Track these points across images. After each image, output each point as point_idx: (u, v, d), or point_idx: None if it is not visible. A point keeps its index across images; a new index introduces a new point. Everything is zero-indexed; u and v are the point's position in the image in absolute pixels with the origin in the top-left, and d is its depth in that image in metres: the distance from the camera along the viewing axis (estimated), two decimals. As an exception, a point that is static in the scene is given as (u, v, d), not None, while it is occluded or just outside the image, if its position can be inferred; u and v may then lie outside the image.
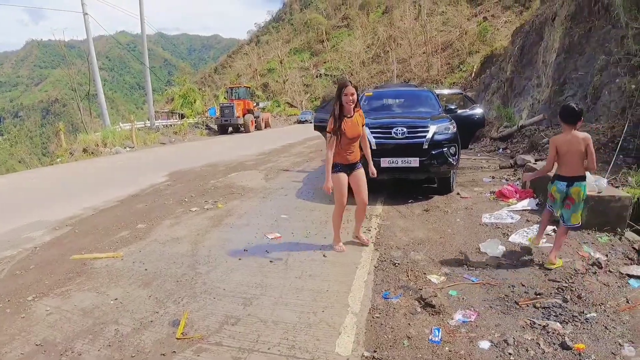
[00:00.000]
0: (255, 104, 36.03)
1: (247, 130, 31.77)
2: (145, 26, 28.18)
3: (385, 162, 7.08)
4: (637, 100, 9.26)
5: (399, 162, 7.05)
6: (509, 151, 12.88)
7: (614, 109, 9.97)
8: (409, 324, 3.59)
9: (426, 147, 7.01)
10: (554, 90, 13.02)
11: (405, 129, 7.10)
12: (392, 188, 8.39)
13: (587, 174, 4.75)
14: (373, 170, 5.19)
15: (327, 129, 4.79)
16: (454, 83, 44.36)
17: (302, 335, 3.43)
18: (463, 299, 4.00)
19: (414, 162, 7.01)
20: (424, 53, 59.91)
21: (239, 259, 5.07)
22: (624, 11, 10.30)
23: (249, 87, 38.35)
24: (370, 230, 6.00)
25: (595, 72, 11.50)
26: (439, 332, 3.43)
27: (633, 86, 9.45)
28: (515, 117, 15.20)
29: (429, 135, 7.06)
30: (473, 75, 37.55)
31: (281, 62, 79.10)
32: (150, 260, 5.11)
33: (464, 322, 3.60)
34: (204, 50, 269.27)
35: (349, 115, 4.81)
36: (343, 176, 4.93)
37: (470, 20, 58.18)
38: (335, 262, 4.92)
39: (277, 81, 78.41)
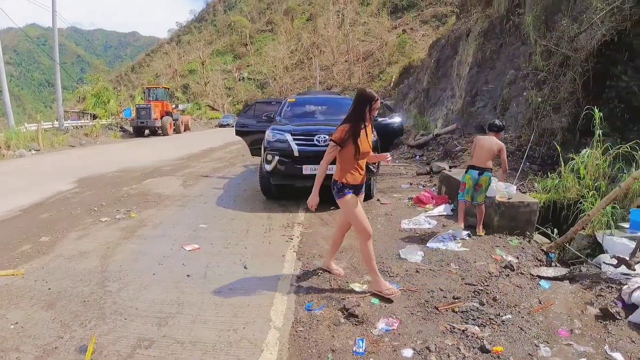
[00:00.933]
0: (174, 106, 34.65)
1: (165, 134, 30.44)
2: (57, 19, 26.13)
3: (307, 169, 7.02)
4: (542, 112, 10.02)
5: (322, 169, 6.99)
6: (425, 158, 13.41)
7: (521, 120, 10.70)
8: (332, 336, 3.50)
9: (348, 154, 7.03)
10: (467, 101, 13.78)
11: (327, 136, 7.09)
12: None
13: (500, 183, 5.91)
14: None
15: (334, 137, 4.07)
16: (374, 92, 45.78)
17: (222, 355, 3.21)
18: (385, 306, 4.00)
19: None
20: (346, 61, 61.34)
21: (153, 275, 4.72)
22: (533, 30, 11.12)
23: (168, 88, 36.81)
24: (292, 239, 5.87)
25: (504, 86, 12.30)
26: (362, 343, 3.37)
27: (539, 99, 10.20)
28: (431, 126, 15.92)
29: (350, 142, 7.09)
30: (392, 84, 38.96)
31: (203, 64, 77.04)
32: (55, 278, 4.61)
33: (386, 330, 3.58)
34: (120, 47, 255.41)
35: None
36: (355, 198, 4.15)
37: (391, 32, 60.47)
38: (257, 274, 4.74)
39: (198, 83, 76.28)
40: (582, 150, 6.81)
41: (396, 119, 9.89)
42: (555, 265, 5.09)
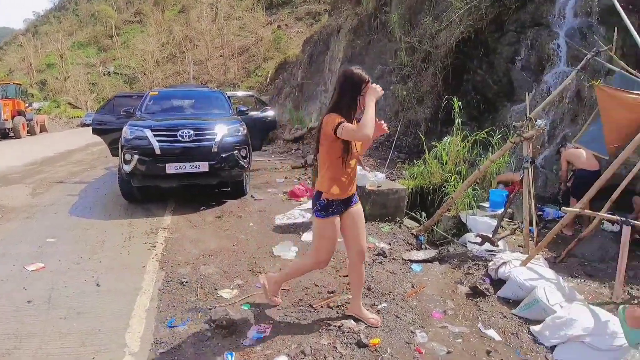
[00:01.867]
0: (27, 105, 30.48)
1: (17, 136, 26.54)
2: None
3: (171, 168, 6.38)
4: (408, 104, 10.50)
5: (187, 167, 6.41)
6: (300, 152, 13.37)
7: (389, 113, 11.12)
8: (198, 354, 3.06)
9: (215, 150, 6.53)
10: (340, 95, 14.06)
11: (192, 132, 6.51)
12: (182, 195, 7.66)
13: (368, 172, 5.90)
14: None
15: (330, 129, 2.97)
16: (250, 87, 45.20)
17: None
18: (258, 311, 3.65)
19: (203, 166, 6.46)
20: (221, 56, 59.65)
21: (-15, 304, 3.81)
22: (398, 27, 11.62)
23: (20, 85, 32.25)
24: (155, 247, 5.24)
25: (373, 80, 12.66)
26: (232, 357, 2.99)
27: (404, 92, 10.68)
28: (306, 120, 15.99)
29: (218, 138, 6.60)
30: (268, 80, 38.75)
31: (62, 57, 69.34)
32: None
33: (258, 338, 3.24)
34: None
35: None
36: (338, 221, 3.25)
37: (266, 28, 60.20)
38: (112, 291, 4.08)
39: (57, 78, 68.45)
40: (444, 138, 7.17)
41: (269, 113, 9.64)
42: (425, 248, 5.20)
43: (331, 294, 3.95)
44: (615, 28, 5.51)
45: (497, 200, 5.83)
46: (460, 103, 7.59)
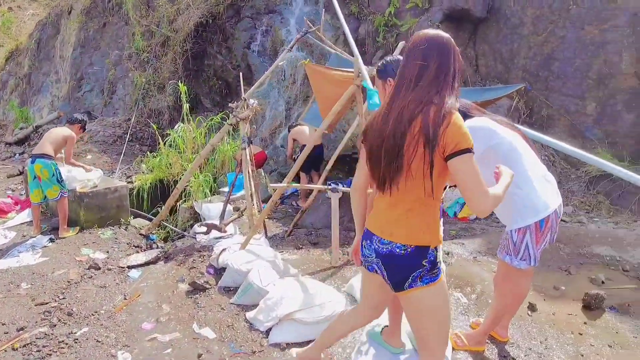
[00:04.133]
0: None
1: None
2: None
3: None
4: (148, 92, 9.64)
5: None
6: (26, 155, 11.13)
7: (128, 102, 10.08)
8: None
9: None
10: (72, 85, 12.20)
11: None
12: None
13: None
14: None
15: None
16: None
17: None
18: None
19: None
20: None
21: None
22: (133, 9, 10.55)
23: None
24: None
25: (110, 67, 11.38)
26: None
27: (143, 80, 9.76)
28: (35, 117, 13.51)
29: None
30: (-3, 73, 32.07)
31: None
32: None
33: None
34: None
35: None
36: None
37: (-12, 11, 49.75)
38: None
39: None
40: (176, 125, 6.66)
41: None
42: (157, 247, 4.62)
43: (21, 331, 3.08)
44: (323, 11, 5.88)
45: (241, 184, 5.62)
46: (202, 89, 7.18)
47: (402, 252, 1.74)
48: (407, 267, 1.75)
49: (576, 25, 6.44)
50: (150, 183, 6.39)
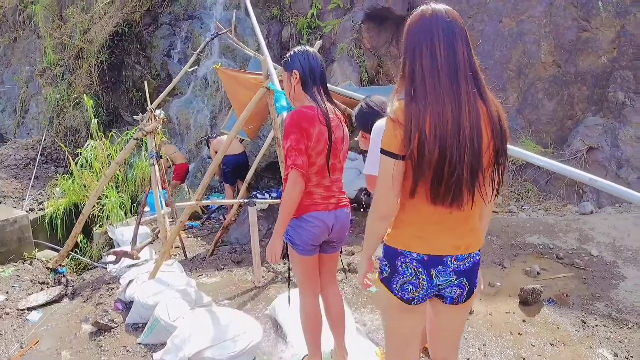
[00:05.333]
0: None
1: None
2: None
3: None
4: (63, 109, 8.97)
5: None
6: None
7: (42, 121, 9.32)
8: None
9: None
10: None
11: None
12: None
13: None
14: None
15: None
16: None
17: None
18: None
19: None
20: None
21: None
22: (44, 21, 9.81)
23: None
24: None
25: (22, 84, 10.54)
26: None
27: (57, 95, 9.07)
28: None
29: None
30: None
31: None
32: None
33: None
34: None
35: None
36: None
37: None
38: None
39: None
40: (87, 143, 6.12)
41: None
42: (66, 281, 4.14)
43: None
44: (234, 12, 5.60)
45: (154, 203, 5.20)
46: (121, 102, 6.68)
47: (479, 257, 1.65)
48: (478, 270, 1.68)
49: (494, 18, 6.52)
50: (65, 208, 5.83)
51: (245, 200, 3.47)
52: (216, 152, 5.56)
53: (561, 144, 6.07)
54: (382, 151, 1.47)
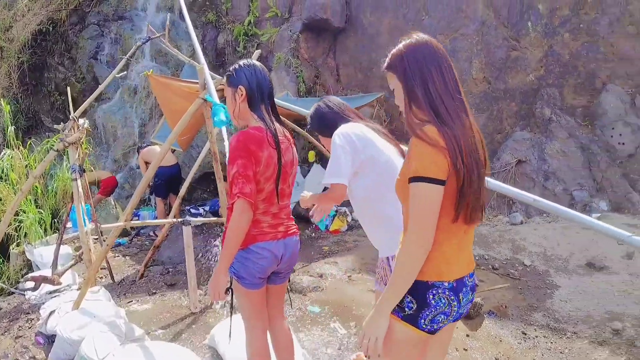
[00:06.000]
0: None
1: None
2: None
3: None
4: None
5: None
6: None
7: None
8: None
9: None
10: None
11: None
12: None
13: None
14: None
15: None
16: None
17: None
18: None
19: None
20: None
21: None
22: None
23: None
24: None
25: None
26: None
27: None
28: None
29: None
30: None
31: None
32: None
33: None
34: None
35: None
36: None
37: None
38: None
39: None
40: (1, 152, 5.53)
41: None
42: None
43: None
44: (168, 15, 5.32)
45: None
46: (42, 106, 6.11)
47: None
48: None
49: (429, 35, 6.68)
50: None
51: (180, 220, 3.22)
52: (146, 163, 5.24)
53: (491, 157, 6.31)
54: (423, 179, 1.37)
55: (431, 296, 1.46)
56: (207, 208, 5.66)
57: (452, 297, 1.48)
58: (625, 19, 5.60)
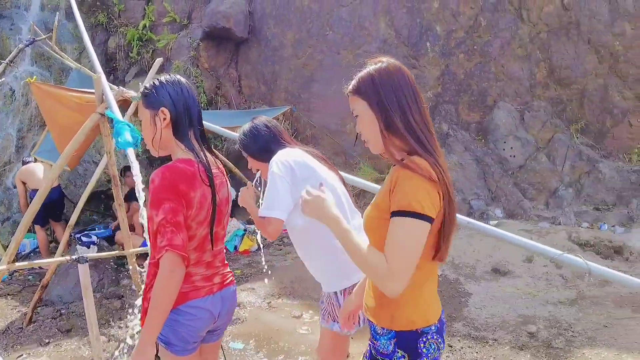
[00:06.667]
0: None
1: None
2: None
3: None
4: None
5: None
6: None
7: None
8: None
9: None
10: None
11: None
12: None
13: None
14: None
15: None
16: None
17: None
18: None
19: None
20: None
21: None
22: None
23: None
24: None
25: None
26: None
27: None
28: None
29: None
30: None
31: None
32: None
33: None
34: None
35: None
36: None
37: None
38: None
39: None
40: None
41: None
42: None
43: None
44: (57, 14, 4.66)
45: None
46: None
47: None
48: None
49: (333, 50, 6.75)
50: None
51: (73, 258, 2.71)
52: (23, 183, 4.50)
53: (396, 170, 6.52)
54: (413, 214, 1.22)
55: (422, 344, 1.35)
56: (99, 234, 5.00)
57: (440, 340, 1.40)
58: (515, 42, 6.17)
